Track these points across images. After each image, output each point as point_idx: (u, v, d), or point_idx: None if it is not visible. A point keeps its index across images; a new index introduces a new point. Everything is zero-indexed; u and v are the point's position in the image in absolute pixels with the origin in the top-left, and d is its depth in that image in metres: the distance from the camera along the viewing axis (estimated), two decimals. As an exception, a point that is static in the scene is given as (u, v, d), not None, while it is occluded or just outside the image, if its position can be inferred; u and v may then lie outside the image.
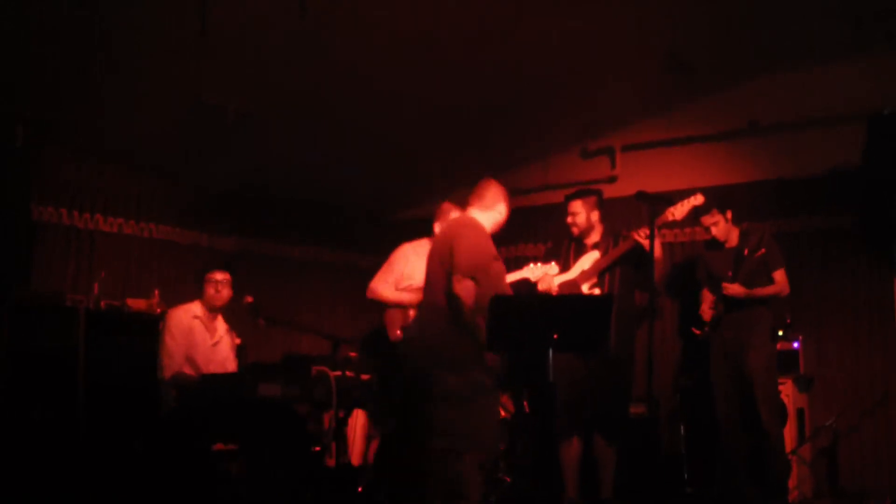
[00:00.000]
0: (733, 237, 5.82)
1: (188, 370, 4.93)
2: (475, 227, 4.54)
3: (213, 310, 5.15)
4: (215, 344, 5.12)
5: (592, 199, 5.63)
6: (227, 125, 5.65)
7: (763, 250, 5.59)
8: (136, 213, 6.31)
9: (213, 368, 5.04)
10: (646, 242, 5.18)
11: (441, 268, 4.45)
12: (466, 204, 4.73)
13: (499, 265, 4.56)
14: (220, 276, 5.13)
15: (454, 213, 5.57)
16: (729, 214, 5.80)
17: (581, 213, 5.57)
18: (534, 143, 7.24)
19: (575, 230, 5.60)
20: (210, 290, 5.10)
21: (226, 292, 5.17)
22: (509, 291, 4.69)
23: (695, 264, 6.18)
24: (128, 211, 6.25)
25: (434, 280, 4.51)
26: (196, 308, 5.10)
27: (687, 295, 6.41)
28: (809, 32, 6.00)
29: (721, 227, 5.78)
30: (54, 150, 5.73)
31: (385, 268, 5.64)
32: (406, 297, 5.48)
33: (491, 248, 4.51)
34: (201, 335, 5.06)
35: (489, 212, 4.65)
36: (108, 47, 4.82)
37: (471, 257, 4.34)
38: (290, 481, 4.75)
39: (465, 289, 4.29)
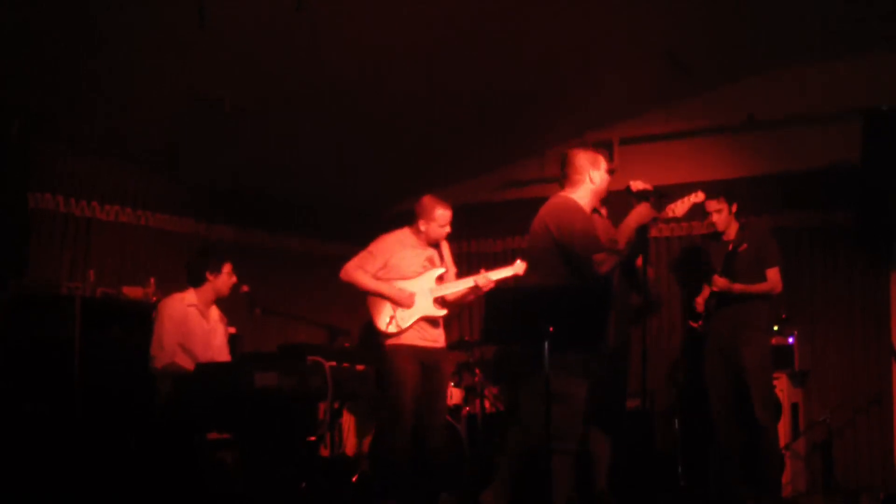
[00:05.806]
0: (732, 230, 5.82)
1: (183, 360, 4.90)
2: (574, 209, 4.55)
3: (219, 297, 5.16)
4: (210, 331, 5.12)
5: None
6: (224, 117, 5.63)
7: (745, 245, 5.62)
8: (132, 202, 6.28)
9: (210, 356, 5.03)
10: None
11: (556, 251, 4.45)
12: (564, 185, 4.71)
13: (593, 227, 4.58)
14: (230, 265, 5.19)
15: (439, 210, 5.50)
16: (734, 207, 5.83)
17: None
18: (531, 136, 7.23)
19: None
20: (230, 280, 5.14)
21: (235, 279, 5.21)
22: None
23: (698, 255, 6.20)
24: (124, 199, 6.22)
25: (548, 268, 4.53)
26: (190, 297, 5.08)
27: (687, 288, 6.41)
28: (807, 29, 6.00)
29: (723, 216, 5.80)
30: (51, 141, 5.70)
31: (365, 255, 5.52)
32: (384, 287, 5.44)
33: (591, 226, 4.53)
34: (198, 323, 5.05)
35: (583, 185, 4.65)
36: (104, 39, 4.80)
37: (583, 241, 4.41)
38: (284, 471, 4.76)
39: (599, 262, 4.39)
